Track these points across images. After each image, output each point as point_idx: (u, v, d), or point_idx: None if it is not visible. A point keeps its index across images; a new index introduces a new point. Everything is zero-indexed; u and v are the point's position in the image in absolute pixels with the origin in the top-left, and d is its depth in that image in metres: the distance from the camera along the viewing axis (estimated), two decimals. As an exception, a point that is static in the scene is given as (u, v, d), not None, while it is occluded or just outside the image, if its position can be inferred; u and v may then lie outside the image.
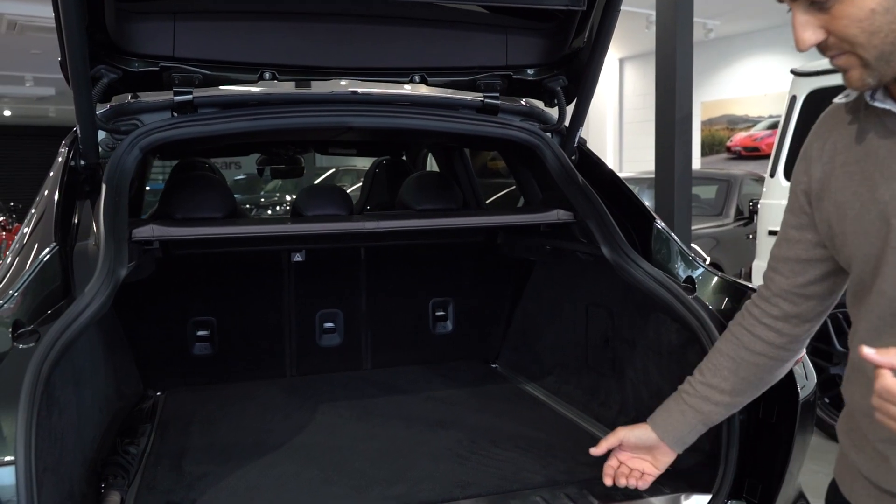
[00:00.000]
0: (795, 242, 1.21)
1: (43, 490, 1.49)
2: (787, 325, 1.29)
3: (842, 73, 0.99)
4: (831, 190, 1.09)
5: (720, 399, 1.40)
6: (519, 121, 2.45)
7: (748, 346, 1.34)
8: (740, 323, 1.36)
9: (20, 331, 1.54)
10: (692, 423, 1.45)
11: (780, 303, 1.27)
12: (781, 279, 1.25)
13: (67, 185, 2.00)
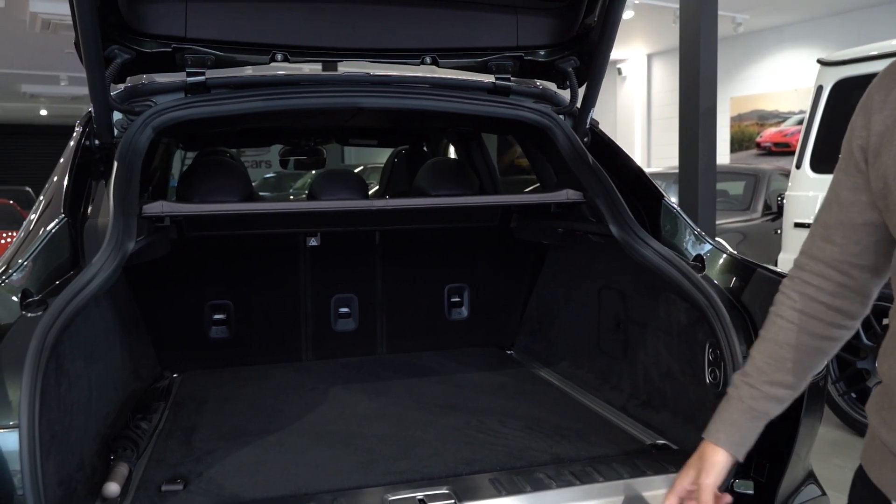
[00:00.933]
0: (850, 205, 1.10)
1: (51, 457, 1.52)
2: (844, 301, 1.17)
3: None
4: (892, 144, 1.01)
5: (786, 395, 1.25)
6: (532, 102, 2.44)
7: (810, 331, 1.20)
8: (792, 308, 1.21)
9: (28, 300, 1.57)
10: (759, 426, 1.28)
11: (833, 275, 1.16)
12: (834, 248, 1.14)
13: (80, 163, 2.03)
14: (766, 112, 11.08)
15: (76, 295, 1.56)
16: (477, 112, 2.36)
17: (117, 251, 1.70)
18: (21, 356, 1.39)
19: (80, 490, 1.66)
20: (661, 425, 2.07)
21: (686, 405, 1.99)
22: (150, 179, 3.18)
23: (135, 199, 1.91)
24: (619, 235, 2.05)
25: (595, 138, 2.50)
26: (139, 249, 2.21)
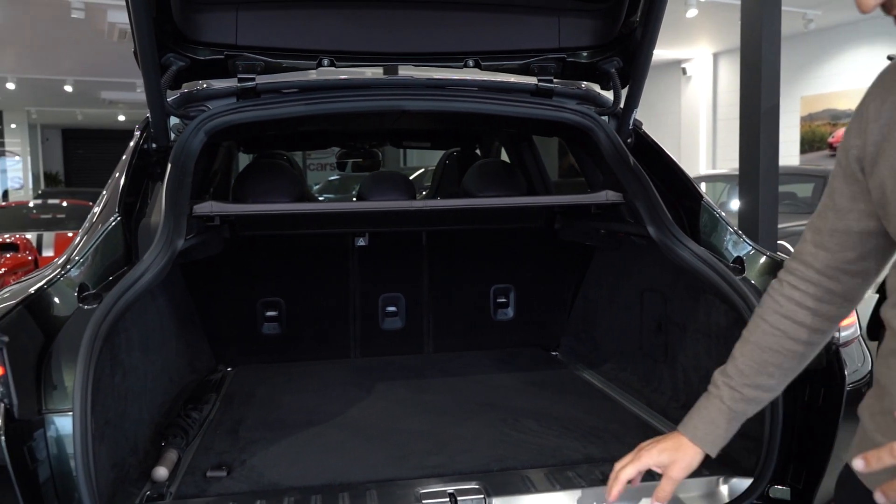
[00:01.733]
0: (847, 212, 1.10)
1: (105, 440, 1.62)
2: (831, 307, 1.19)
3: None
4: (889, 152, 1.00)
5: (766, 397, 1.29)
6: (575, 104, 2.45)
7: (794, 336, 1.21)
8: (778, 312, 1.22)
9: (85, 294, 1.68)
10: (736, 426, 1.33)
11: (824, 281, 1.17)
12: (826, 255, 1.14)
13: (136, 166, 2.15)
14: (839, 111, 10.67)
15: (128, 289, 1.66)
16: (519, 114, 2.38)
17: (167, 248, 1.80)
18: (76, 346, 1.50)
19: (132, 473, 1.76)
20: None
21: None
22: (211, 181, 3.32)
23: (186, 199, 2.01)
24: (657, 237, 2.05)
25: (638, 139, 2.49)
26: (193, 247, 2.32)
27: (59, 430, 1.48)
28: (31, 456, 1.43)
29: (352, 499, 1.65)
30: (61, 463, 1.47)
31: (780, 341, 1.22)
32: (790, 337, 1.22)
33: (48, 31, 10.32)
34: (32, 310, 1.56)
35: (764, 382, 1.26)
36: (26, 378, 1.47)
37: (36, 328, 1.55)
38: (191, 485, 1.78)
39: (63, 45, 11.17)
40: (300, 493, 1.68)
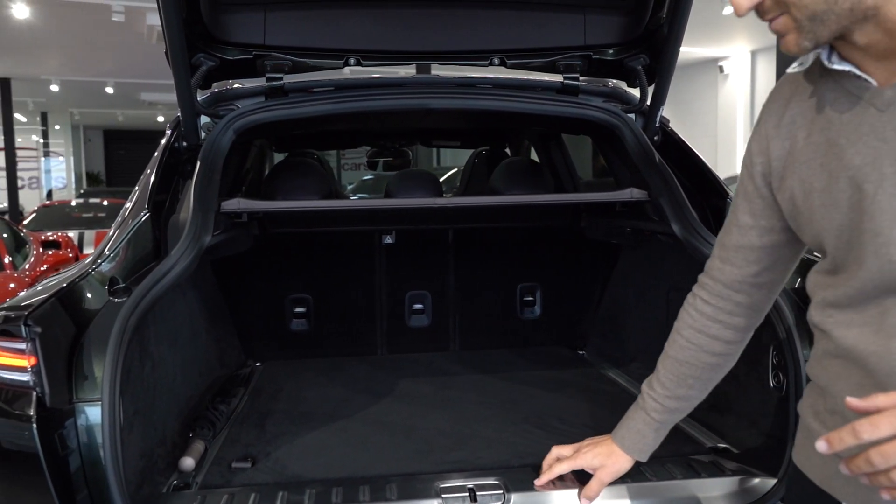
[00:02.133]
0: (749, 229, 1.13)
1: (133, 430, 1.66)
2: (742, 319, 1.25)
3: (779, 40, 0.94)
4: (795, 165, 1.01)
5: (688, 406, 1.40)
6: (601, 102, 2.44)
7: (709, 350, 1.29)
8: (692, 326, 1.29)
9: (115, 287, 1.73)
10: (663, 433, 1.47)
11: (732, 295, 1.22)
12: (734, 270, 1.19)
13: (167, 163, 2.20)
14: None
15: (157, 283, 1.71)
16: (544, 112, 2.38)
17: (195, 244, 1.84)
18: (106, 338, 1.54)
19: (160, 463, 1.80)
20: (724, 429, 2.02)
21: (749, 409, 1.94)
22: (244, 180, 3.38)
23: (214, 196, 2.06)
24: (681, 235, 2.03)
25: (666, 137, 2.47)
26: (222, 243, 2.37)
27: (89, 419, 1.53)
28: (61, 443, 1.48)
29: (372, 492, 1.67)
30: (91, 451, 1.52)
31: (697, 355, 1.30)
32: (705, 350, 1.29)
33: (90, 34, 10.59)
34: (65, 302, 1.62)
35: (684, 394, 1.36)
36: (58, 368, 1.52)
37: (68, 320, 1.60)
38: (216, 475, 1.82)
39: (104, 48, 11.44)
40: (322, 485, 1.71)
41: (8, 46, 11.33)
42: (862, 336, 0.94)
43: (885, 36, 0.86)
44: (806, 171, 0.99)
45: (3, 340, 1.48)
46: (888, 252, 0.88)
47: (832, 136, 0.95)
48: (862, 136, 0.91)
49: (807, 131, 1.00)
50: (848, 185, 0.93)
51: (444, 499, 1.62)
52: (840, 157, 0.94)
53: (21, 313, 1.49)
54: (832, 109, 0.96)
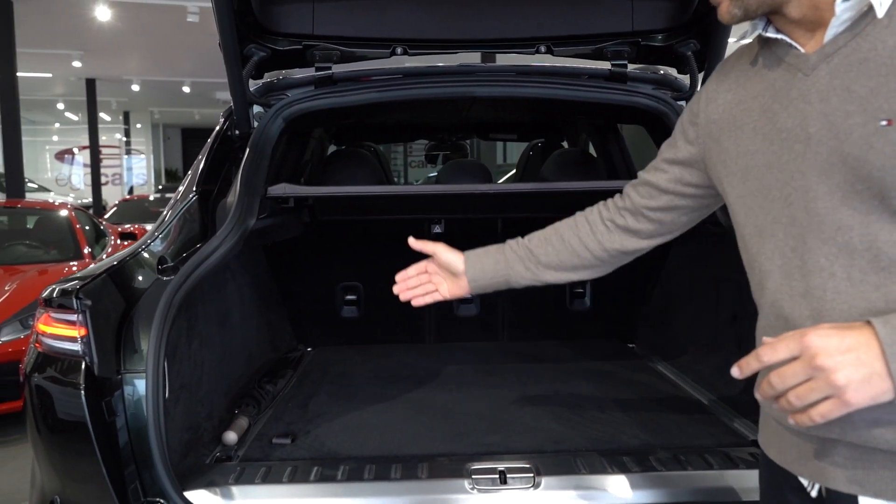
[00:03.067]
0: (660, 171, 1.26)
1: (179, 403, 1.74)
2: (623, 237, 1.35)
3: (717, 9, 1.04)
4: (729, 128, 1.08)
5: (532, 267, 1.45)
6: (650, 89, 2.40)
7: (581, 238, 1.39)
8: (586, 216, 1.40)
9: (163, 266, 1.81)
10: (499, 273, 1.49)
11: (626, 215, 1.33)
12: (636, 196, 1.31)
13: (218, 150, 2.28)
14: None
15: (202, 263, 1.78)
16: (590, 99, 2.36)
17: (240, 226, 1.91)
18: (153, 313, 1.62)
19: (205, 436, 1.88)
20: None
21: None
22: (302, 171, 3.47)
23: (262, 181, 2.12)
24: (724, 221, 1.98)
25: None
26: (271, 228, 2.44)
27: (136, 390, 1.61)
28: (108, 410, 1.56)
29: (403, 470, 1.70)
30: (137, 420, 1.60)
31: (570, 235, 1.40)
32: (579, 237, 1.39)
33: (167, 35, 11.02)
34: (115, 279, 1.70)
35: (538, 253, 1.43)
36: (107, 340, 1.60)
37: (118, 295, 1.68)
38: (257, 449, 1.88)
39: (180, 48, 11.89)
40: (356, 461, 1.75)
41: (92, 48, 11.91)
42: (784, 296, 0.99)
43: (811, 9, 0.95)
44: (739, 135, 1.06)
45: (57, 312, 1.58)
46: (815, 206, 0.94)
47: (767, 101, 1.02)
48: (792, 101, 0.97)
49: (742, 96, 1.07)
50: (780, 147, 0.99)
51: (474, 480, 1.64)
52: (774, 122, 1.00)
53: (74, 287, 1.58)
54: (767, 76, 1.03)
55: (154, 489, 1.57)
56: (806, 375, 0.82)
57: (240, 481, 1.65)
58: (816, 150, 0.94)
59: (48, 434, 1.59)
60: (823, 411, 0.82)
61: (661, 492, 1.61)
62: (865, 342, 0.80)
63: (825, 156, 0.93)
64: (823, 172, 0.93)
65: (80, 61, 12.75)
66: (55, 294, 1.59)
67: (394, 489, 1.63)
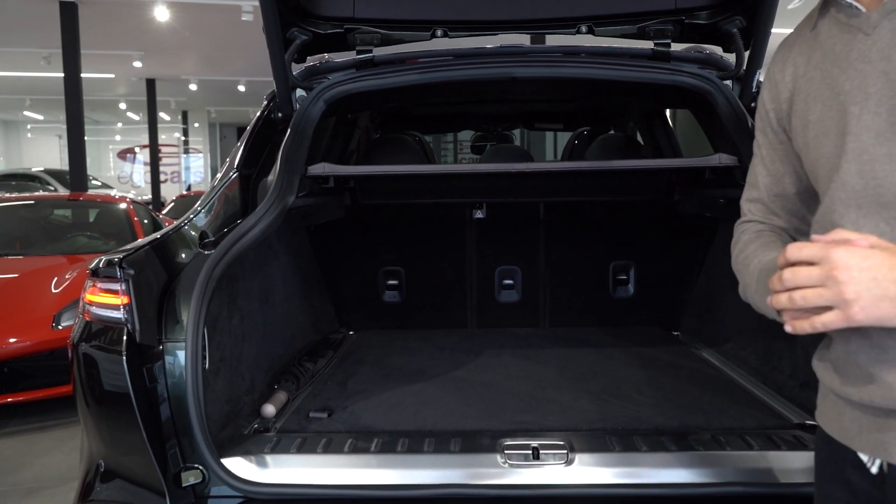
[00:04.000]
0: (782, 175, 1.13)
1: (220, 375, 1.78)
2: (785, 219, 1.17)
3: None
4: (797, 103, 1.05)
5: None
6: (695, 68, 2.35)
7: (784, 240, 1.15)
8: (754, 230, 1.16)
9: (205, 241, 1.85)
10: None
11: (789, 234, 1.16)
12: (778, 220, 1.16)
13: (260, 132, 2.32)
14: None
15: (241, 237, 1.82)
16: (632, 78, 2.33)
17: (279, 202, 1.94)
18: (193, 284, 1.66)
19: (245, 409, 1.92)
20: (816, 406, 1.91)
21: None
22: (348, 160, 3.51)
23: (301, 160, 2.16)
24: None
25: (764, 103, 2.35)
26: (313, 209, 2.47)
27: (176, 359, 1.65)
28: (149, 378, 1.61)
29: (436, 444, 1.70)
30: (177, 388, 1.64)
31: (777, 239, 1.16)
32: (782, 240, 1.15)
33: (222, 35, 11.26)
34: (158, 251, 1.75)
35: None
36: (149, 309, 1.65)
37: (160, 267, 1.73)
38: (294, 422, 1.92)
39: (235, 48, 12.14)
40: (389, 435, 1.76)
41: (152, 48, 12.26)
42: None
43: None
44: (803, 106, 1.03)
45: (102, 281, 1.63)
46: (873, 169, 0.90)
47: (827, 67, 0.99)
48: (852, 62, 0.95)
49: (804, 69, 1.04)
50: (838, 111, 0.95)
51: (507, 455, 1.63)
52: (832, 87, 0.97)
53: (118, 258, 1.63)
54: (827, 44, 1.00)
55: (193, 456, 1.61)
56: (819, 282, 0.82)
57: (275, 451, 1.69)
58: (875, 112, 0.91)
59: (92, 400, 1.65)
60: (826, 320, 0.82)
61: (698, 471, 1.58)
62: (889, 266, 0.80)
63: (885, 116, 0.90)
64: (881, 134, 0.90)
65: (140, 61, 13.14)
66: (101, 265, 1.65)
67: (426, 462, 1.64)
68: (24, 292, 4.53)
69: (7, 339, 4.11)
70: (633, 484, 1.57)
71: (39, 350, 4.13)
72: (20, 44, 11.61)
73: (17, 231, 5.80)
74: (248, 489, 1.58)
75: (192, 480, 1.59)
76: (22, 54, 12.27)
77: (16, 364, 4.13)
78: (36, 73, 13.59)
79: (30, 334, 4.16)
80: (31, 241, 5.65)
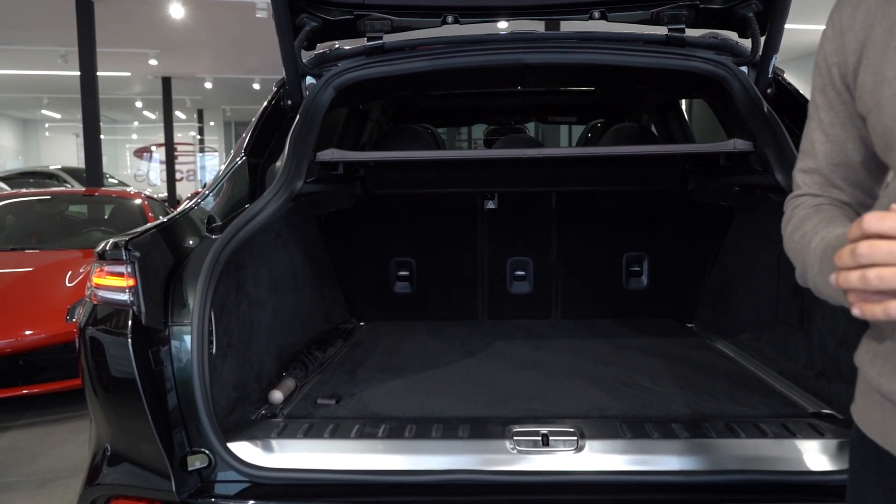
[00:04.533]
0: (844, 141, 0.99)
1: (227, 360, 1.77)
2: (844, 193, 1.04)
3: None
4: (869, 55, 0.90)
5: None
6: (710, 54, 2.31)
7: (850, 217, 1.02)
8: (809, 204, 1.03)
9: (212, 225, 1.84)
10: None
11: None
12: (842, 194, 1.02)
13: (268, 119, 2.31)
14: None
15: (249, 221, 1.80)
16: (646, 64, 2.29)
17: (287, 187, 1.93)
18: (200, 268, 1.65)
19: (253, 395, 1.91)
20: (832, 395, 1.87)
21: None
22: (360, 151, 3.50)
23: (310, 146, 2.14)
24: (785, 185, 1.89)
25: (780, 90, 2.31)
26: (323, 197, 2.46)
27: (182, 343, 1.64)
28: (155, 361, 1.59)
29: (444, 430, 1.68)
30: (183, 372, 1.63)
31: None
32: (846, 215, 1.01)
33: (237, 32, 11.31)
34: (164, 235, 1.74)
35: None
36: (155, 292, 1.64)
37: (166, 250, 1.72)
38: (301, 408, 1.90)
39: (250, 46, 12.18)
40: (397, 422, 1.74)
41: (167, 46, 12.34)
42: None
43: None
44: (878, 58, 0.89)
45: (108, 264, 1.62)
46: None
47: (892, 22, 0.87)
48: None
49: (883, 13, 0.90)
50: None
51: (516, 441, 1.61)
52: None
53: (124, 240, 1.62)
54: None
55: (199, 440, 1.60)
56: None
57: (282, 436, 1.67)
58: None
59: (98, 384, 1.64)
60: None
61: (710, 458, 1.55)
62: None
63: None
64: None
65: (156, 59, 13.23)
66: (107, 248, 1.64)
67: (434, 447, 1.62)
68: (39, 286, 4.57)
69: (22, 332, 4.14)
70: (644, 471, 1.54)
71: (54, 343, 4.16)
72: (37, 42, 11.71)
73: (34, 226, 5.85)
74: (255, 473, 1.56)
75: (197, 465, 1.57)
76: (39, 53, 12.38)
77: (31, 356, 4.16)
78: (53, 71, 13.71)
79: (44, 327, 4.19)
80: (47, 236, 5.69)
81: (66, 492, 3.19)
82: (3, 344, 4.04)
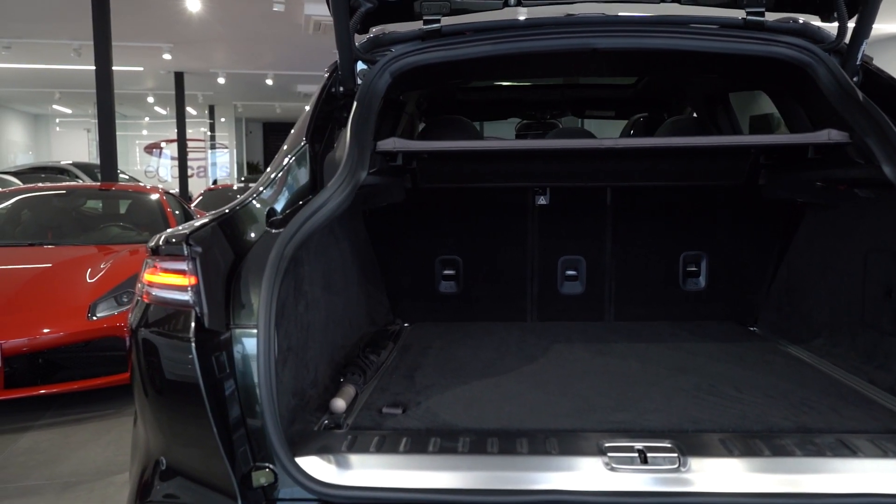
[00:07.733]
0: None
1: (287, 366, 1.63)
2: None
3: None
4: None
5: None
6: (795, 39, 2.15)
7: None
8: None
9: (272, 218, 1.70)
10: None
11: None
12: None
13: (322, 106, 2.17)
14: None
15: (313, 214, 1.66)
16: (724, 50, 2.13)
17: (351, 178, 1.78)
18: (262, 266, 1.50)
19: (311, 403, 1.77)
20: None
21: None
22: None
23: (370, 135, 2.00)
24: (893, 177, 1.74)
25: (868, 78, 2.15)
26: (376, 191, 2.31)
27: (245, 347, 1.50)
28: (219, 367, 1.45)
29: (531, 445, 1.54)
30: (246, 378, 1.49)
31: None
32: None
33: (252, 27, 11.17)
34: (224, 229, 1.60)
35: None
36: (217, 291, 1.50)
37: (227, 246, 1.58)
38: (367, 418, 1.76)
39: (265, 40, 12.04)
40: (476, 434, 1.60)
41: (182, 40, 12.21)
42: None
43: None
44: None
45: (166, 261, 1.48)
46: None
47: None
48: None
49: None
50: None
51: (611, 458, 1.46)
52: None
53: (183, 234, 1.48)
54: None
55: (262, 453, 1.46)
56: None
57: (352, 450, 1.53)
58: None
59: (154, 390, 1.50)
60: None
61: (835, 479, 1.39)
62: None
63: None
64: None
65: (169, 54, 13.09)
66: (163, 242, 1.50)
67: (521, 464, 1.47)
68: (57, 282, 4.44)
69: (41, 330, 4.01)
70: (760, 493, 1.39)
71: (75, 341, 4.03)
72: (51, 35, 11.59)
73: (49, 220, 5.72)
74: (325, 492, 1.42)
75: (262, 481, 1.43)
76: (53, 46, 12.26)
77: (51, 355, 4.02)
78: (66, 65, 13.59)
79: (65, 325, 4.05)
80: (63, 231, 5.57)
81: (91, 496, 3.06)
82: (21, 342, 3.91)
